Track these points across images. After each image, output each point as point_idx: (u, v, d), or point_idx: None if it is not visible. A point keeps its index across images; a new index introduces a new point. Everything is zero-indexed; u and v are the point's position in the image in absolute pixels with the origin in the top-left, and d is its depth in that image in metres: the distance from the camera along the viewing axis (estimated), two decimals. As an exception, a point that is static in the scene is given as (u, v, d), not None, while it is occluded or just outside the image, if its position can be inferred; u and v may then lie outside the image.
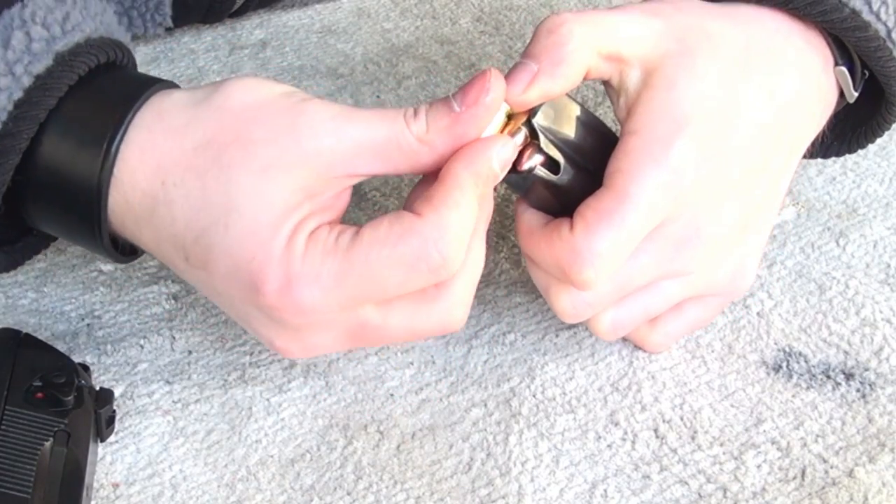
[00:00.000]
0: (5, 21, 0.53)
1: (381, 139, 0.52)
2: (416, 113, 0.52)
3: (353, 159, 0.52)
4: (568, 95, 0.56)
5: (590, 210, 0.55)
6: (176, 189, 0.52)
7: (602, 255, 0.54)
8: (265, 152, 0.51)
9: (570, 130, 0.56)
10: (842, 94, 0.62)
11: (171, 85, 0.55)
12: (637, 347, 0.63)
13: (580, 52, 0.55)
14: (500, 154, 0.53)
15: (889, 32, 0.60)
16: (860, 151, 0.75)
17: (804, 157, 0.63)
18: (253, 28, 0.87)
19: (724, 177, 0.57)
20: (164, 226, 0.52)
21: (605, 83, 0.58)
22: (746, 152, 0.58)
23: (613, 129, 0.58)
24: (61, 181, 0.53)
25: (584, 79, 0.56)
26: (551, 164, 0.55)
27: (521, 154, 0.55)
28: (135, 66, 0.58)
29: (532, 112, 0.55)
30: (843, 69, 0.61)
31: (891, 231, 0.71)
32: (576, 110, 0.56)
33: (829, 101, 0.61)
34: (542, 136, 0.55)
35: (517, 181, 0.56)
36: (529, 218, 0.57)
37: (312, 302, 0.51)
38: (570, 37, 0.55)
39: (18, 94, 0.52)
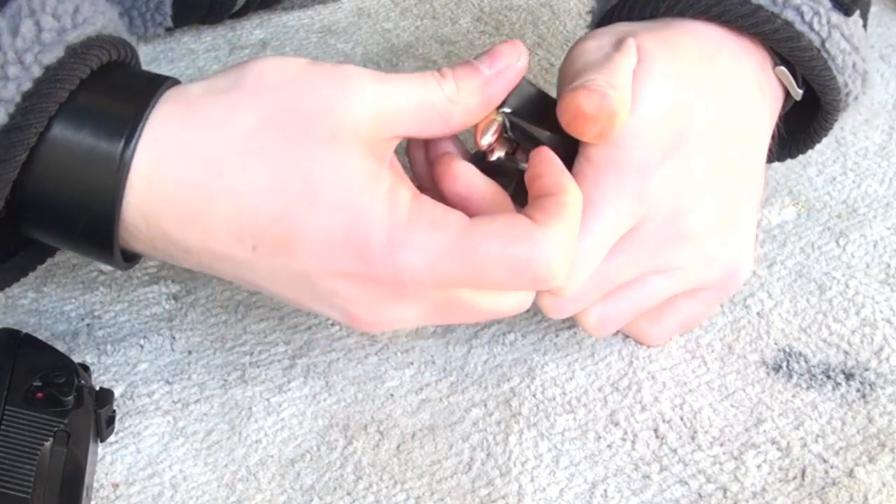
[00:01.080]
0: (13, 10, 0.51)
1: (418, 99, 0.52)
2: (442, 75, 0.53)
3: (399, 121, 0.52)
4: (529, 81, 0.56)
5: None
6: (239, 177, 0.50)
7: (573, 265, 0.54)
8: (327, 122, 0.50)
9: (536, 117, 0.56)
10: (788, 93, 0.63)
11: (178, 82, 0.54)
12: (637, 346, 0.63)
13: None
14: None
15: (823, 42, 0.61)
16: (860, 151, 0.75)
17: (769, 160, 0.64)
18: (253, 28, 0.88)
19: (689, 174, 0.58)
20: (225, 218, 0.51)
21: None
22: (703, 149, 0.58)
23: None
24: (73, 179, 0.50)
25: None
26: (521, 152, 0.56)
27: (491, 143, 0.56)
28: (139, 65, 0.57)
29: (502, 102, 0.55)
30: (784, 69, 0.62)
31: (891, 231, 0.71)
32: (537, 95, 0.56)
33: (774, 97, 0.62)
34: (509, 125, 0.55)
35: (496, 170, 0.56)
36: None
37: (414, 270, 0.50)
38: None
39: (28, 85, 0.50)
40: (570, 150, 0.56)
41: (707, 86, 0.59)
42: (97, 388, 0.56)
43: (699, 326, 0.64)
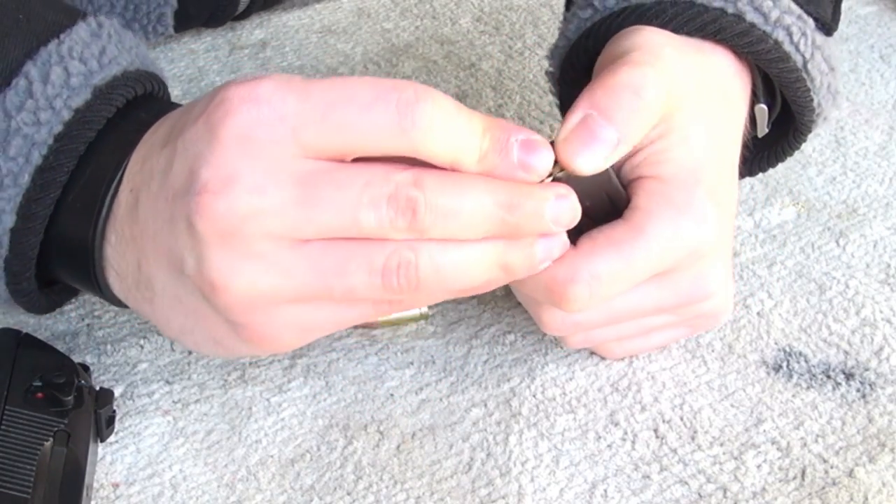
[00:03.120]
0: (43, 58, 0.54)
1: None
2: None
3: None
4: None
5: (602, 234, 0.54)
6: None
7: (599, 279, 0.54)
8: None
9: (580, 183, 0.53)
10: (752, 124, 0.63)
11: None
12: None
13: (658, 114, 0.54)
14: None
15: (805, 63, 0.61)
16: (860, 151, 0.75)
17: None
18: (253, 28, 0.88)
19: (726, 228, 0.57)
20: None
21: None
22: (732, 192, 0.58)
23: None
24: (67, 238, 0.54)
25: None
26: None
27: None
28: (169, 96, 0.58)
29: None
30: (763, 107, 0.62)
31: (891, 231, 0.71)
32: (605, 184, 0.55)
33: (746, 122, 0.62)
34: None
35: None
36: None
37: None
38: (657, 102, 0.54)
39: (59, 128, 0.53)
40: (597, 202, 0.56)
41: (728, 123, 0.59)
42: (97, 388, 0.56)
43: (699, 326, 0.64)
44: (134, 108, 0.55)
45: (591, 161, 0.51)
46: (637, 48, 0.56)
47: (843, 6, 0.67)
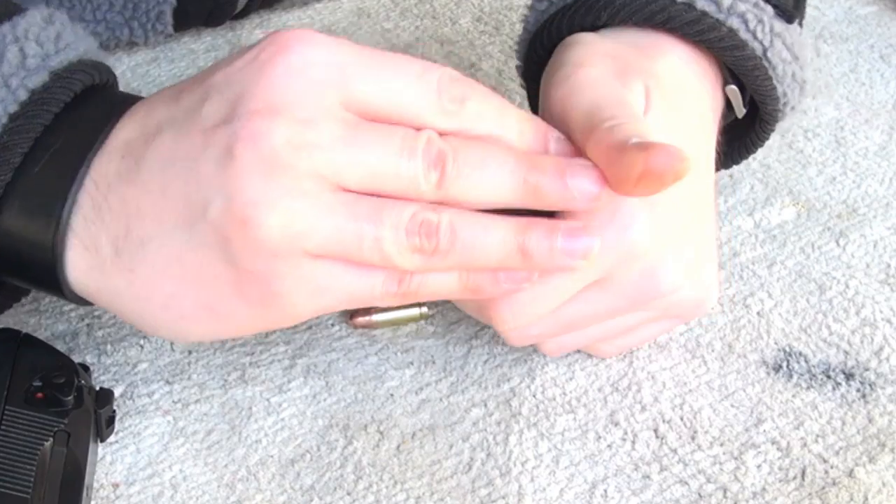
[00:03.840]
0: None
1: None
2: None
3: None
4: None
5: None
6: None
7: (518, 300, 0.54)
8: None
9: None
10: (727, 107, 0.63)
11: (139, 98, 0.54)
12: (637, 346, 0.63)
13: None
14: None
15: (765, 51, 0.60)
16: (860, 151, 0.75)
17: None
18: (253, 28, 0.88)
19: (670, 222, 0.56)
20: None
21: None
22: (685, 195, 0.56)
23: None
24: (21, 227, 0.52)
25: None
26: None
27: None
28: (117, 87, 0.57)
29: None
30: (734, 87, 0.62)
31: (891, 231, 0.71)
32: None
33: (718, 111, 0.62)
34: None
35: None
36: None
37: None
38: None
39: (14, 108, 0.51)
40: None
41: (688, 125, 0.58)
42: (97, 388, 0.56)
43: (699, 325, 0.64)
44: (90, 95, 0.53)
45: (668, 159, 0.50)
46: (576, 76, 0.56)
47: (843, 6, 0.67)
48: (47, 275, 0.52)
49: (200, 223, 0.49)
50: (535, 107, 0.63)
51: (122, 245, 0.51)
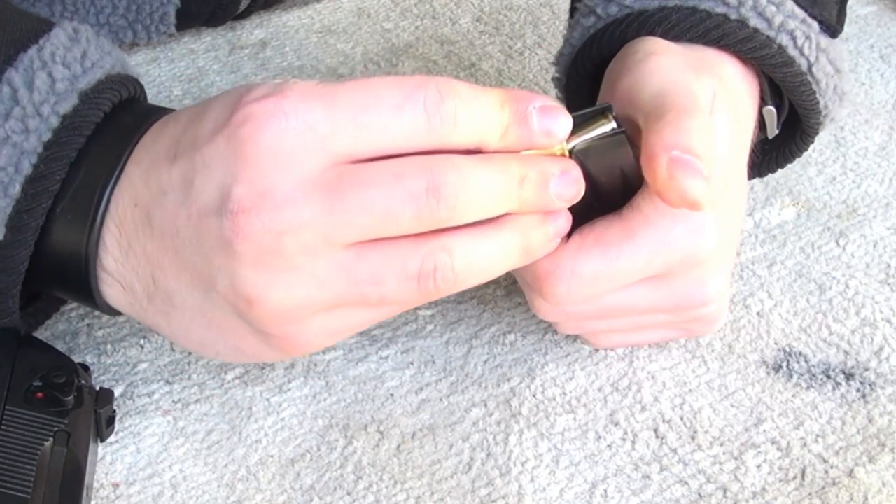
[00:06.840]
0: (25, 63, 0.52)
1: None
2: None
3: None
4: (606, 117, 0.53)
5: (593, 233, 0.54)
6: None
7: (581, 278, 0.54)
8: None
9: (599, 156, 0.53)
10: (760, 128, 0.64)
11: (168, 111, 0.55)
12: (637, 346, 0.63)
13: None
14: None
15: (810, 67, 0.61)
16: (860, 151, 0.75)
17: None
18: (253, 28, 0.88)
19: (725, 232, 0.57)
20: None
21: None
22: (740, 199, 0.58)
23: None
24: (58, 245, 0.53)
25: None
26: None
27: None
28: (147, 99, 0.58)
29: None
30: (772, 109, 0.63)
31: (891, 231, 0.71)
32: (611, 142, 0.54)
33: (755, 127, 0.63)
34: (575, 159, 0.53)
35: None
36: None
37: None
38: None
39: (48, 136, 0.51)
40: (616, 186, 0.55)
41: (740, 136, 0.59)
42: (97, 388, 0.56)
43: (699, 326, 0.64)
44: (118, 112, 0.54)
45: (698, 186, 0.51)
46: (652, 72, 0.56)
47: (843, 6, 0.68)
48: (89, 302, 0.55)
49: (213, 292, 0.50)
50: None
51: (153, 293, 0.52)
